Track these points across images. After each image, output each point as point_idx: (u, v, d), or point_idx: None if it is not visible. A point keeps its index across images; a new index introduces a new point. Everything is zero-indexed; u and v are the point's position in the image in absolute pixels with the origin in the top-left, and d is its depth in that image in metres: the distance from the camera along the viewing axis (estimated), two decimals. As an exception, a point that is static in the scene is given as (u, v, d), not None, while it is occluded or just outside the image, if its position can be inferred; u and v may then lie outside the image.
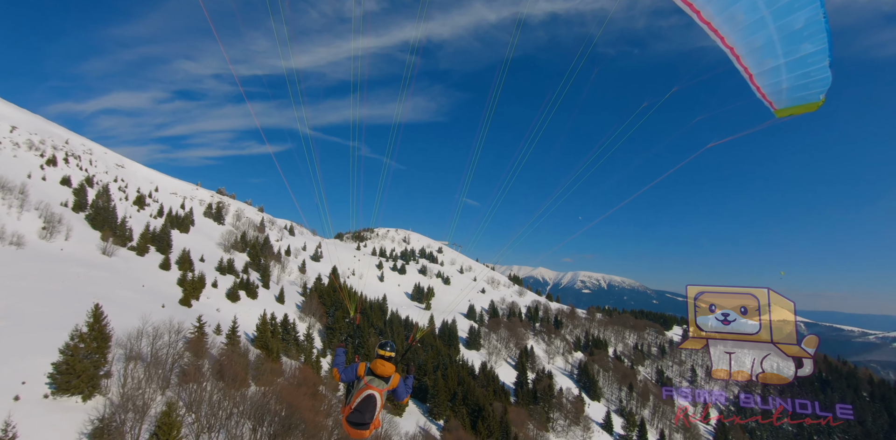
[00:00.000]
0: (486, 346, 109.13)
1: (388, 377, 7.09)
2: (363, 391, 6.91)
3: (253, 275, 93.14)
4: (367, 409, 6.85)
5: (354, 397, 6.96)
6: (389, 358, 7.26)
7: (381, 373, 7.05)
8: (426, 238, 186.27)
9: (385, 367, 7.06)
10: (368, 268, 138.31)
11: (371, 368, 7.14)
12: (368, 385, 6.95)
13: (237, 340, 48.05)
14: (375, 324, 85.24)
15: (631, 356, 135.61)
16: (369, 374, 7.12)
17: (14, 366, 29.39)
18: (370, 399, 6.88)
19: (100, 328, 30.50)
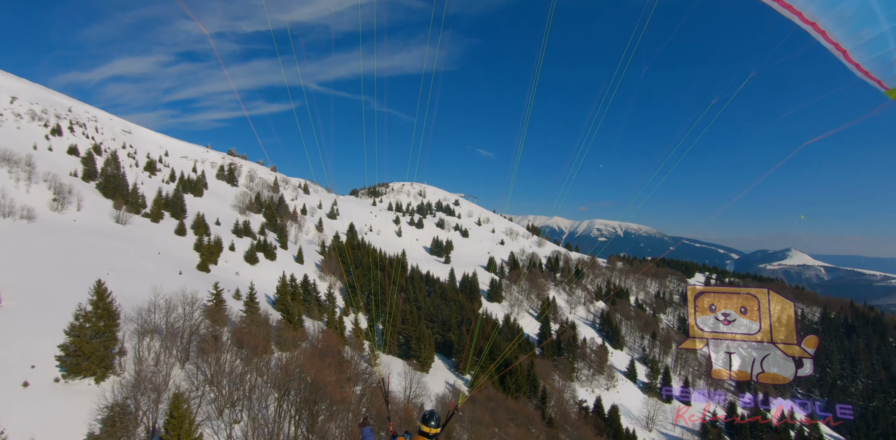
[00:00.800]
0: (507, 299, 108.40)
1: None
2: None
3: (270, 236, 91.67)
4: None
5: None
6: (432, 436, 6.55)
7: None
8: (442, 191, 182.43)
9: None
10: (385, 224, 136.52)
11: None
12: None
13: (256, 307, 46.45)
14: (397, 280, 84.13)
15: (653, 304, 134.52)
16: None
17: (24, 349, 27.75)
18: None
19: (104, 305, 28.39)
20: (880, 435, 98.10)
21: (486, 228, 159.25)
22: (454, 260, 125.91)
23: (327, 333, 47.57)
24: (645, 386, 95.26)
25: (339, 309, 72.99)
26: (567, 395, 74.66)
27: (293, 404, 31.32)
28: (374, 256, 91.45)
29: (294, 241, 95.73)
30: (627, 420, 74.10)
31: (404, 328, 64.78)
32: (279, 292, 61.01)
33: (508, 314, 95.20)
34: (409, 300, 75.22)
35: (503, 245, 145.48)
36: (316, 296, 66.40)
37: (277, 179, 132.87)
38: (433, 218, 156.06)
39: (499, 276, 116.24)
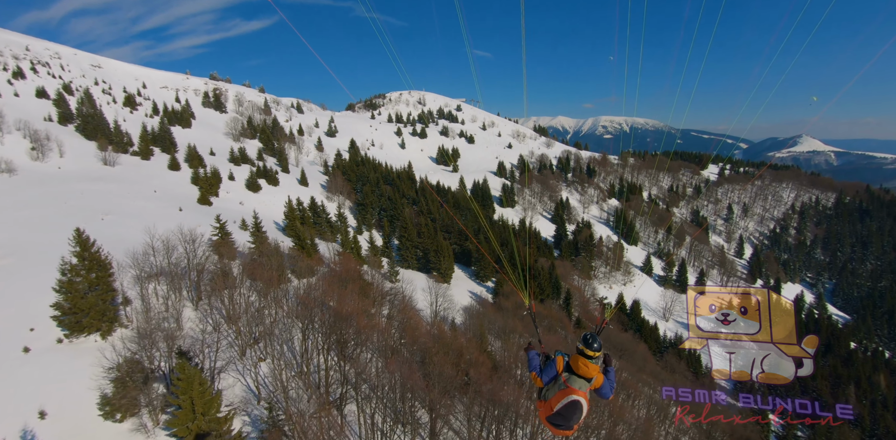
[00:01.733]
0: (520, 203, 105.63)
1: (591, 378, 6.04)
2: (566, 395, 5.96)
3: (269, 160, 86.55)
4: (573, 415, 5.94)
5: (555, 399, 6.04)
6: (594, 358, 6.02)
7: (584, 374, 5.99)
8: (442, 97, 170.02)
9: (588, 369, 5.97)
10: (387, 137, 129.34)
11: (570, 365, 6.13)
12: (570, 387, 5.97)
13: (264, 237, 43.56)
14: (407, 193, 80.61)
15: (666, 198, 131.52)
16: (568, 370, 6.14)
17: (21, 311, 25.32)
18: (575, 405, 5.91)
19: (91, 256, 25.17)
20: (885, 312, 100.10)
21: (491, 132, 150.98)
22: (462, 168, 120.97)
23: (344, 256, 45.21)
24: (661, 279, 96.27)
25: (352, 228, 70.80)
26: (587, 293, 75.35)
27: (319, 333, 29.66)
28: (380, 171, 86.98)
29: (296, 164, 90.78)
30: (646, 312, 75.35)
31: (421, 242, 62.83)
32: (287, 217, 58.02)
33: (523, 218, 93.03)
34: (423, 212, 72.41)
35: (511, 148, 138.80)
36: (326, 218, 63.62)
37: (268, 101, 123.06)
38: (436, 126, 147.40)
39: (510, 181, 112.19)
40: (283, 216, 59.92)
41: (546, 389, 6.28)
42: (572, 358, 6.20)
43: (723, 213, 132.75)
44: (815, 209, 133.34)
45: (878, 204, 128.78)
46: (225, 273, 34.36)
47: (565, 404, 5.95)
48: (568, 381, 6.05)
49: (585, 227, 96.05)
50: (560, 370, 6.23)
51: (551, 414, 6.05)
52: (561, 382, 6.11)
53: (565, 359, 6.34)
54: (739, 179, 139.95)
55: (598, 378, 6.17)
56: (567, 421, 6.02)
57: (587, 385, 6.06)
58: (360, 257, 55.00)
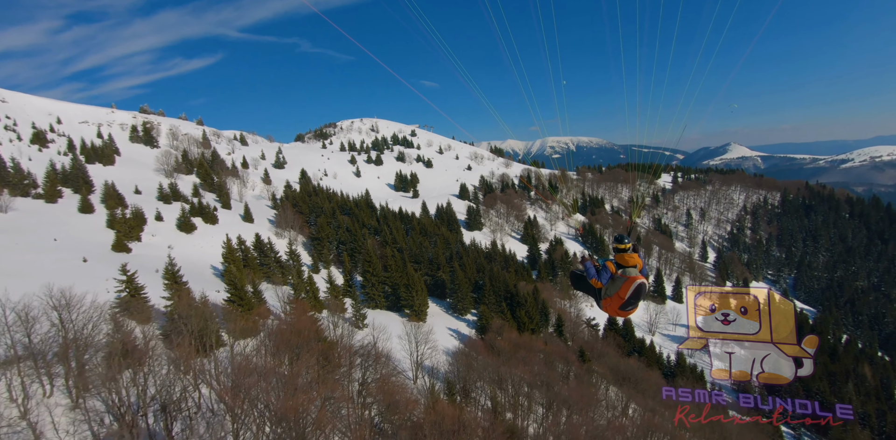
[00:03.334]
0: (487, 225, 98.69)
1: (636, 265, 7.37)
2: (632, 281, 7.21)
3: (208, 197, 75.39)
4: (641, 294, 7.29)
5: (623, 289, 7.26)
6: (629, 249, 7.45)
7: (631, 264, 7.35)
8: (395, 123, 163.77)
9: (632, 258, 7.37)
10: (341, 166, 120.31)
11: (619, 262, 7.47)
12: (631, 276, 7.26)
13: (184, 290, 33.29)
14: (367, 223, 71.50)
15: (627, 209, 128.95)
16: (619, 268, 7.40)
17: None
18: (642, 287, 7.25)
19: None
20: (846, 302, 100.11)
21: (449, 156, 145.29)
22: (423, 193, 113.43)
23: (297, 305, 35.35)
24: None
25: (307, 266, 60.67)
26: (573, 315, 68.07)
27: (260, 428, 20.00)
28: (335, 201, 77.60)
29: (239, 199, 79.93)
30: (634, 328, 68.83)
31: (388, 276, 53.69)
32: (226, 260, 47.66)
33: (494, 240, 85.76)
34: (387, 243, 63.45)
35: (470, 170, 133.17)
36: (276, 258, 53.40)
37: (207, 133, 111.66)
38: (391, 152, 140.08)
39: (474, 203, 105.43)
40: (221, 259, 49.40)
41: (606, 288, 7.57)
42: (617, 257, 7.56)
43: (682, 220, 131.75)
44: (764, 208, 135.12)
45: (818, 199, 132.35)
46: (126, 349, 24.09)
47: (635, 287, 7.22)
48: (626, 274, 7.32)
49: (558, 245, 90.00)
50: (614, 271, 7.48)
51: (623, 301, 7.35)
52: (620, 277, 7.33)
53: (613, 261, 7.57)
54: (693, 186, 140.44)
55: (639, 263, 7.45)
56: (637, 300, 7.38)
57: (636, 271, 7.34)
58: (318, 301, 45.12)
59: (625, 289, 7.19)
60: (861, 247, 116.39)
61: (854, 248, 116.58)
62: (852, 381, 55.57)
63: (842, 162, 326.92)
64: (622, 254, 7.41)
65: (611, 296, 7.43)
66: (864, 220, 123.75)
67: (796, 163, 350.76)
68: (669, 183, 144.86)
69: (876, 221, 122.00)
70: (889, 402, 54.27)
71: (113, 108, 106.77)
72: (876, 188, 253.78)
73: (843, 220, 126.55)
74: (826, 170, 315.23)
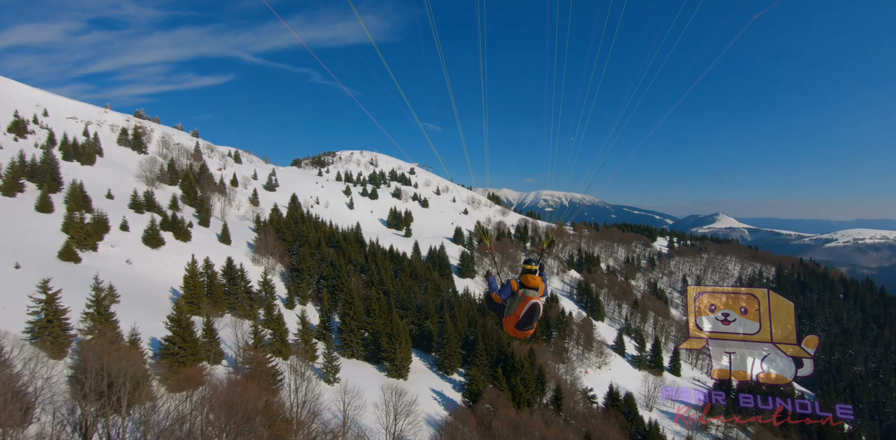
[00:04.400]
0: (481, 273, 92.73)
1: (537, 287, 7.50)
2: (526, 302, 7.40)
3: (187, 211, 68.93)
4: (534, 315, 7.45)
5: (519, 308, 7.46)
6: (535, 271, 7.69)
7: (533, 285, 7.47)
8: (395, 159, 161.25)
9: (535, 280, 7.49)
10: (335, 196, 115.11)
11: (522, 283, 7.54)
12: (528, 296, 7.41)
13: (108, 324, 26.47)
14: (354, 259, 65.07)
15: (623, 270, 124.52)
16: (521, 287, 7.52)
17: None
18: (535, 307, 7.42)
19: None
20: (846, 387, 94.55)
21: (446, 198, 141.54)
22: (416, 233, 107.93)
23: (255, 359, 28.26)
24: (634, 359, 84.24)
25: (281, 300, 53.52)
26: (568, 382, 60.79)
27: None
28: (322, 231, 71.45)
29: (220, 217, 73.51)
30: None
31: (370, 322, 46.79)
32: (187, 285, 40.76)
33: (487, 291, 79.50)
34: (373, 283, 56.90)
35: (466, 215, 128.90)
36: (246, 287, 46.41)
37: (200, 145, 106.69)
38: (388, 188, 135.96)
39: (468, 249, 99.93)
40: (182, 283, 42.42)
41: (507, 306, 7.72)
42: (522, 277, 7.62)
43: (678, 286, 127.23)
44: (759, 282, 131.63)
45: (813, 277, 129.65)
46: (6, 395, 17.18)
47: (528, 308, 7.42)
48: (525, 293, 7.49)
49: (554, 302, 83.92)
50: (516, 289, 7.60)
51: (518, 320, 7.53)
52: (519, 296, 7.51)
53: (518, 280, 7.69)
54: (688, 251, 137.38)
55: (542, 286, 7.58)
56: (530, 320, 7.53)
57: (537, 293, 7.50)
58: (285, 345, 37.93)
59: (520, 308, 7.42)
60: (857, 330, 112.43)
61: (850, 331, 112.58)
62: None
63: (826, 241, 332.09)
64: (526, 275, 7.60)
65: (509, 315, 7.68)
66: (860, 301, 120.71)
67: (782, 238, 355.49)
68: (665, 247, 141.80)
69: (871, 304, 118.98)
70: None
71: (107, 107, 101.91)
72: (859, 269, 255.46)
73: (839, 301, 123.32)
74: (811, 247, 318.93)
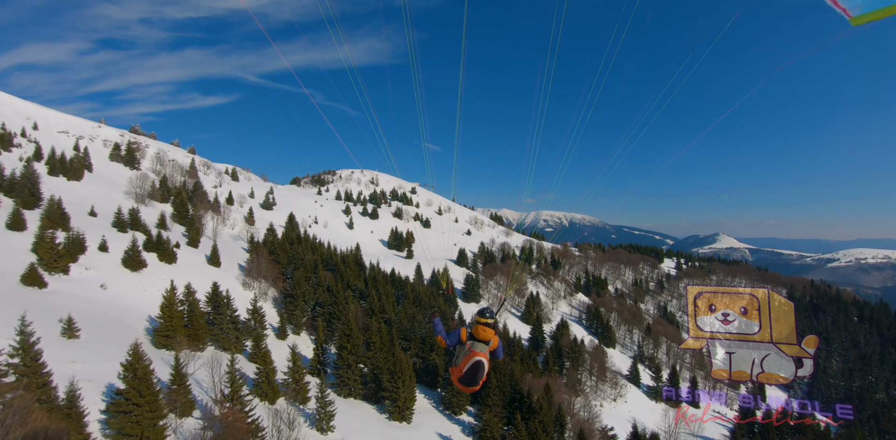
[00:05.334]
0: (486, 297, 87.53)
1: (488, 341, 6.87)
2: (470, 358, 6.73)
3: (176, 230, 64.27)
4: (477, 373, 6.71)
5: (463, 362, 6.78)
6: (489, 324, 6.98)
7: (482, 338, 6.82)
8: (396, 179, 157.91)
9: (486, 333, 6.85)
10: (334, 215, 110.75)
11: (472, 333, 6.89)
12: (473, 351, 6.75)
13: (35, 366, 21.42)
14: (353, 284, 60.12)
15: (631, 293, 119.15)
16: (471, 339, 6.88)
17: None
18: (478, 365, 6.70)
19: None
20: (870, 417, 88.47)
21: (448, 218, 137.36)
22: (418, 254, 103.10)
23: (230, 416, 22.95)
24: (651, 390, 78.31)
25: (272, 328, 48.26)
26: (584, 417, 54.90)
27: None
28: (319, 252, 66.67)
29: (212, 236, 68.84)
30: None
31: (371, 356, 41.55)
32: (163, 316, 35.78)
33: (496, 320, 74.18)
34: (373, 311, 51.79)
35: (470, 236, 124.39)
36: (232, 317, 41.31)
37: (196, 162, 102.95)
38: (389, 207, 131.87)
39: (473, 272, 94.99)
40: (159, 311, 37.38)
41: (455, 357, 7.00)
42: (473, 328, 6.88)
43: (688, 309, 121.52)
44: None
45: (825, 299, 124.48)
46: None
47: (471, 364, 6.65)
48: (472, 347, 6.74)
49: (564, 329, 78.45)
50: (464, 339, 6.86)
51: (461, 375, 6.75)
52: (466, 348, 6.78)
53: (468, 329, 6.93)
54: (697, 273, 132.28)
55: (494, 340, 6.84)
56: (473, 378, 6.73)
57: (486, 348, 6.75)
58: (273, 387, 32.61)
59: (464, 363, 6.71)
60: (875, 355, 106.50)
61: (868, 356, 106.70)
62: None
63: (828, 261, 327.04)
64: (478, 326, 6.86)
65: (455, 366, 7.01)
66: (875, 325, 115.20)
67: (783, 258, 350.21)
68: (673, 268, 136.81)
69: (887, 327, 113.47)
70: None
71: (101, 122, 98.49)
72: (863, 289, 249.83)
73: (853, 324, 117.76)
74: (813, 267, 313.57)
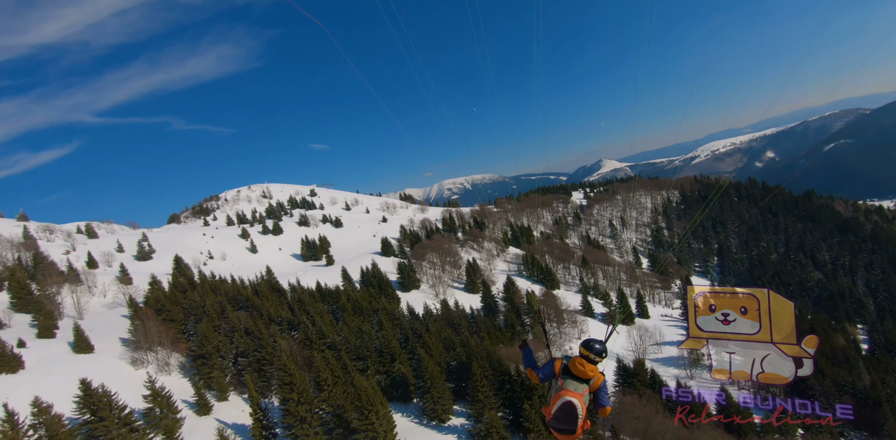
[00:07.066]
0: (424, 280, 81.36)
1: (588, 379, 5.32)
2: (560, 396, 5.30)
3: (19, 321, 48.27)
4: (568, 418, 5.18)
5: (552, 402, 5.42)
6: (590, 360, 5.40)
7: (580, 374, 5.29)
8: (291, 185, 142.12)
9: (584, 368, 5.28)
10: (230, 243, 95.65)
11: (568, 366, 5.44)
12: (565, 389, 5.32)
13: None
14: (277, 315, 49.96)
15: (556, 232, 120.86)
16: (566, 374, 5.43)
17: None
18: (569, 406, 5.20)
19: None
20: (773, 275, 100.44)
21: (358, 210, 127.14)
22: (338, 257, 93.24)
23: None
24: (605, 317, 79.47)
25: (189, 406, 37.46)
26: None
27: None
28: (223, 291, 54.84)
29: (78, 315, 53.40)
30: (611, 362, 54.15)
31: (326, 397, 33.32)
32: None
33: (444, 298, 68.48)
34: (311, 340, 42.82)
35: (386, 222, 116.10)
36: (121, 416, 30.14)
37: (30, 230, 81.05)
38: (291, 217, 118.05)
39: (402, 258, 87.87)
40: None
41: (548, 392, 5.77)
42: (571, 361, 5.48)
43: (607, 232, 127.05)
44: (670, 207, 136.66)
45: (709, 190, 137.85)
46: None
47: (560, 405, 5.29)
48: (564, 384, 5.41)
49: (512, 286, 75.44)
50: (558, 372, 5.54)
51: (550, 417, 5.42)
52: (558, 385, 5.49)
53: (564, 362, 5.60)
54: (604, 198, 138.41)
55: (596, 379, 5.42)
56: (564, 423, 5.28)
57: (584, 387, 5.36)
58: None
59: (553, 402, 5.32)
60: (760, 225, 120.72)
61: (755, 226, 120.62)
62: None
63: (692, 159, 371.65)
64: (576, 360, 5.33)
65: (547, 406, 5.53)
66: (752, 200, 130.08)
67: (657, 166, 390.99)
68: (582, 199, 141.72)
69: (760, 197, 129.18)
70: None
71: None
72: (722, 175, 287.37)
73: (736, 203, 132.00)
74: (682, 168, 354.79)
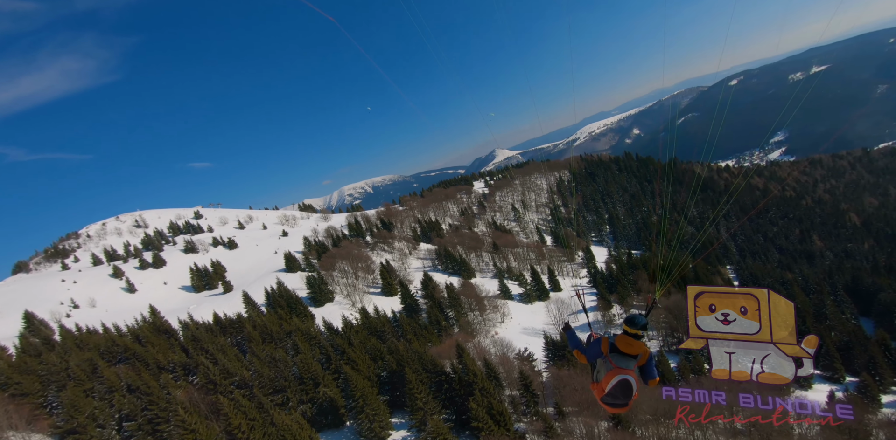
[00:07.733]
0: (338, 291, 76.83)
1: (636, 355, 5.66)
2: (614, 375, 5.42)
3: None
4: (624, 394, 5.39)
5: (605, 380, 5.49)
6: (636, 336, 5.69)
7: (630, 352, 5.62)
8: (170, 210, 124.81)
9: (633, 346, 5.61)
10: (101, 285, 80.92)
11: (615, 344, 5.68)
12: (618, 367, 5.51)
13: None
14: (168, 362, 42.62)
15: (464, 223, 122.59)
16: (614, 351, 5.68)
17: None
18: (625, 385, 5.36)
19: None
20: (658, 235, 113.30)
21: (254, 228, 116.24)
22: (237, 282, 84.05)
23: None
24: (523, 296, 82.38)
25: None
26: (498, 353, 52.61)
27: None
28: (95, 345, 45.51)
29: None
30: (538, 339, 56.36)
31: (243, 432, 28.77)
32: None
33: (362, 306, 64.90)
34: (216, 383, 37.08)
35: (287, 236, 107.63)
36: None
37: None
38: (174, 246, 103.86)
39: (311, 271, 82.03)
40: None
41: (596, 371, 5.91)
42: (617, 338, 5.75)
43: (511, 216, 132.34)
44: (563, 186, 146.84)
45: (595, 166, 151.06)
46: None
47: (615, 384, 5.42)
48: (614, 361, 5.61)
49: (430, 281, 74.36)
50: (606, 351, 5.73)
51: (604, 394, 5.54)
52: (608, 363, 5.64)
53: (610, 339, 5.83)
54: (503, 184, 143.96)
55: (644, 354, 5.74)
56: (619, 399, 5.51)
57: (633, 362, 5.67)
58: None
59: (606, 381, 5.41)
60: (639, 192, 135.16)
61: (635, 194, 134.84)
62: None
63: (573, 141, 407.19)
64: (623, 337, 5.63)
65: (596, 382, 5.69)
66: (630, 171, 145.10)
67: (545, 151, 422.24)
68: (484, 188, 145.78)
69: (636, 168, 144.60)
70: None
71: None
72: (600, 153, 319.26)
73: (617, 176, 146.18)
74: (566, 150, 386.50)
